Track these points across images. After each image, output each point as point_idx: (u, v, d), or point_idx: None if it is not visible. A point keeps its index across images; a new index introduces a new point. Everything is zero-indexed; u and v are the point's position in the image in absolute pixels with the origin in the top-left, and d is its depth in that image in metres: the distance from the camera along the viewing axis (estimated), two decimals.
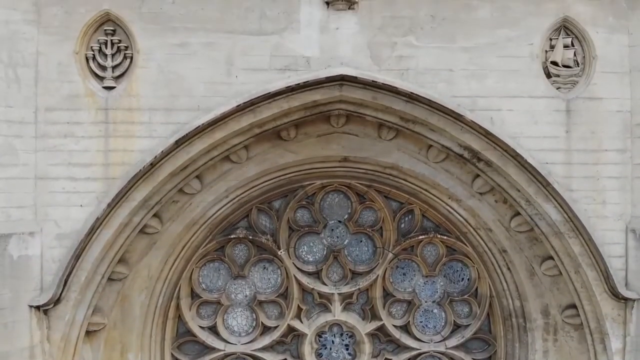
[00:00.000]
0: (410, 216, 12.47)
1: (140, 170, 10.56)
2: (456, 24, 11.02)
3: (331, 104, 11.08)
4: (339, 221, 12.48)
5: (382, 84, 10.74)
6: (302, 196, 12.27)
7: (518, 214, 11.49)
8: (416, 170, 11.76)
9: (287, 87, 10.67)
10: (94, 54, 10.85)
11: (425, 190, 11.97)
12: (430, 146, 11.40)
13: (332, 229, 12.49)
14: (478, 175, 11.43)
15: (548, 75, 11.15)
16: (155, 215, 11.22)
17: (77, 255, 10.59)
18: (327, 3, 10.91)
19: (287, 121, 11.11)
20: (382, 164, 11.84)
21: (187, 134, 10.58)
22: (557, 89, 11.16)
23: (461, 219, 12.02)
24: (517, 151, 10.82)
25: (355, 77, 10.75)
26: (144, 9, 10.79)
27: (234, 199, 11.83)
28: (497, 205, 11.67)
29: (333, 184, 12.33)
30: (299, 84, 10.67)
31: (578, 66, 11.22)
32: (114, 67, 10.86)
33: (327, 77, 10.72)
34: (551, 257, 11.49)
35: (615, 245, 11.17)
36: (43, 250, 10.67)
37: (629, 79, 11.21)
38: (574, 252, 11.09)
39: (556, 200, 10.96)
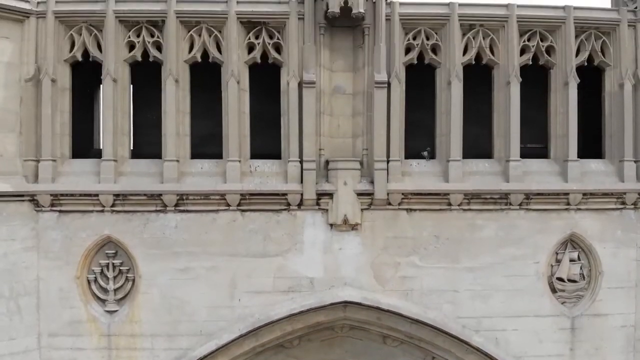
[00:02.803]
0: None
1: None
2: (460, 244, 10.92)
3: (335, 321, 11.05)
4: None
5: (387, 309, 10.68)
6: None
7: None
8: None
9: (290, 314, 10.63)
10: (95, 277, 10.75)
11: None
12: (435, 357, 11.37)
13: None
14: None
15: (553, 289, 11.08)
16: None
17: None
18: (331, 225, 10.79)
19: (289, 338, 11.10)
20: None
21: None
22: (562, 303, 11.10)
23: None
24: None
25: (359, 303, 10.69)
26: (145, 234, 10.68)
27: None
28: None
29: None
30: (302, 311, 10.61)
31: (584, 279, 11.15)
32: (115, 290, 10.77)
33: (330, 303, 10.68)
34: None
35: None
36: None
37: (634, 292, 11.15)
38: None
39: None
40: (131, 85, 11.32)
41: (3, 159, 10.46)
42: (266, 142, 11.22)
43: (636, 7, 11.39)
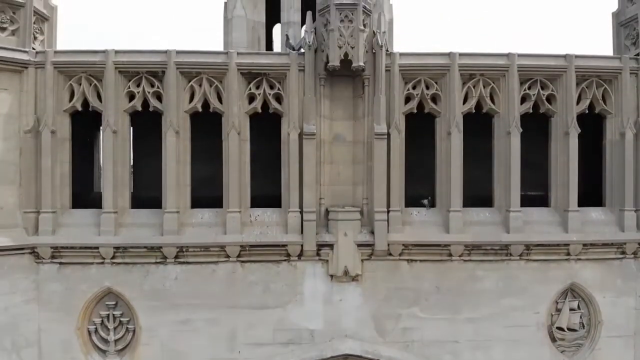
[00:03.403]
0: None
1: None
2: (461, 295, 10.91)
3: None
4: None
5: None
6: None
7: None
8: None
9: None
10: (96, 328, 10.75)
11: None
12: None
13: None
14: None
15: (553, 339, 11.09)
16: None
17: None
18: (331, 276, 10.78)
19: None
20: None
21: None
22: (561, 352, 11.11)
23: None
24: None
25: (360, 356, 10.70)
26: (145, 285, 10.67)
27: None
28: None
29: None
30: None
31: (584, 328, 11.15)
32: (116, 341, 10.77)
33: (331, 357, 10.69)
34: None
35: None
36: None
37: (633, 341, 11.16)
38: None
39: None
40: (131, 128, 11.28)
41: (3, 212, 10.43)
42: (266, 186, 11.19)
43: (638, 54, 11.37)
